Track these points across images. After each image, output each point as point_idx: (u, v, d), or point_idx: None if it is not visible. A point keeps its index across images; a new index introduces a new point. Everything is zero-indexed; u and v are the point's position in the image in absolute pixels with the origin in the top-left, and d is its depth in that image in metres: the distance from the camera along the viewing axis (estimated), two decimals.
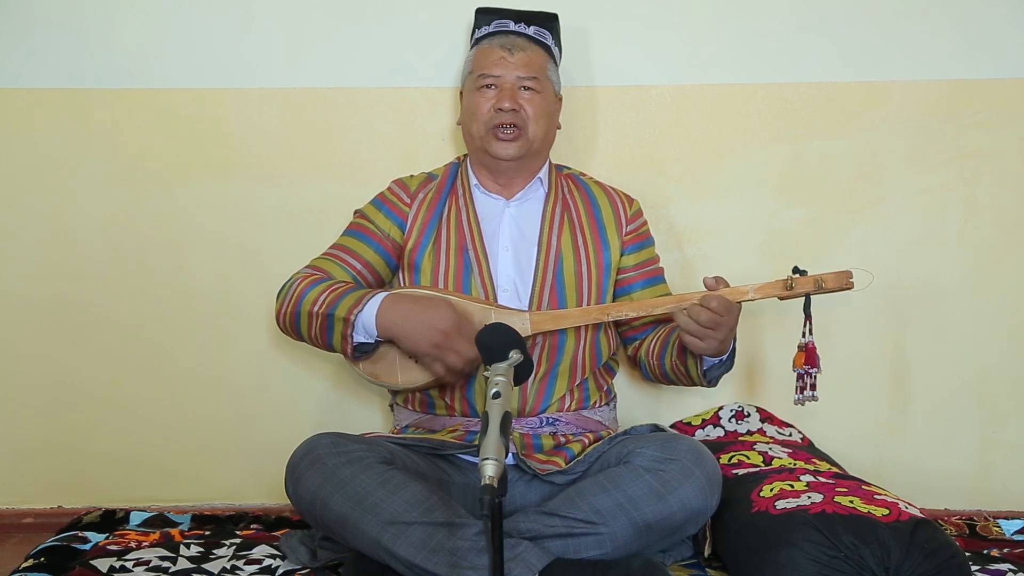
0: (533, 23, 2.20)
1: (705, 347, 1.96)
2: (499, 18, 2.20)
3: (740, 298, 1.98)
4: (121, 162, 2.44)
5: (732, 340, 2.03)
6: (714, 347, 1.96)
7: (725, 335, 1.95)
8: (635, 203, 2.26)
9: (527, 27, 2.19)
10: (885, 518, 1.78)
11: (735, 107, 2.45)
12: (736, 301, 1.97)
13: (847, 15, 2.43)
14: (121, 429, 2.47)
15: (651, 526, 1.84)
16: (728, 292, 1.97)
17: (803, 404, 2.03)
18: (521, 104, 2.12)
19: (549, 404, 2.10)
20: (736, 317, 1.97)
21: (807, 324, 2.01)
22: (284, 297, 2.08)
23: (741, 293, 1.99)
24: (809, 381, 2.02)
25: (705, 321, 1.93)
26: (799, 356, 2.02)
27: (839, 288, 1.99)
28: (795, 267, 2.01)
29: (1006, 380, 2.47)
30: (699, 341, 1.95)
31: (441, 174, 2.24)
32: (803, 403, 2.03)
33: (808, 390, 2.02)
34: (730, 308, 1.95)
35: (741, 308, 1.99)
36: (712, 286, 1.97)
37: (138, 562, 2.00)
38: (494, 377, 1.59)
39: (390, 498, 1.81)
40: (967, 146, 2.44)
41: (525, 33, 2.18)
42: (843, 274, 1.99)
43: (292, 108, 2.44)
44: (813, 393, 2.02)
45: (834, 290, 1.99)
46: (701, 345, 1.96)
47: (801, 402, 2.03)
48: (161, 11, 2.42)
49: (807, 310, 2.01)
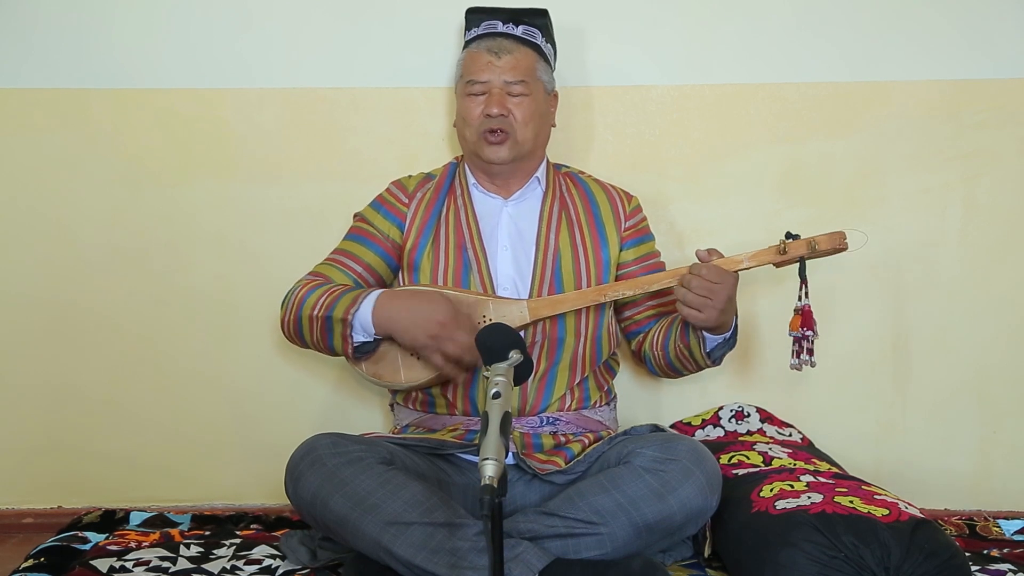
0: (522, 22, 2.19)
1: (705, 318, 1.95)
2: (488, 19, 2.20)
3: (735, 267, 1.98)
4: (121, 162, 2.44)
5: (734, 316, 2.03)
6: (714, 317, 1.95)
7: (723, 303, 1.95)
8: (634, 199, 2.26)
9: (515, 27, 2.18)
10: (885, 518, 1.78)
11: (735, 107, 2.45)
12: (732, 270, 1.97)
13: (847, 15, 2.43)
14: (121, 429, 2.47)
15: (651, 526, 1.84)
16: (722, 262, 1.97)
17: (799, 369, 2.02)
18: (509, 109, 2.12)
19: (549, 403, 2.10)
20: (733, 286, 1.97)
21: (803, 288, 2.01)
22: (287, 305, 2.09)
23: (735, 262, 1.99)
24: (806, 345, 2.01)
25: (698, 288, 1.93)
26: (795, 319, 2.02)
27: (833, 250, 1.99)
28: (788, 232, 2.01)
29: (1006, 380, 2.47)
30: (698, 313, 1.94)
31: (439, 174, 2.24)
32: (799, 368, 2.02)
33: (805, 354, 2.01)
34: (723, 275, 1.95)
35: (738, 278, 1.98)
36: (704, 258, 1.98)
37: (138, 562, 2.00)
38: (494, 377, 1.59)
39: (390, 498, 1.81)
40: (967, 146, 2.44)
41: (513, 34, 2.17)
42: (836, 235, 1.99)
43: (292, 108, 2.44)
44: (811, 358, 2.01)
45: (828, 252, 1.99)
46: (701, 317, 1.95)
47: (798, 366, 2.02)
48: (160, 11, 2.42)
49: (802, 274, 2.01)
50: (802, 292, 2.01)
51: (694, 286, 1.94)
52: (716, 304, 1.94)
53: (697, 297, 1.94)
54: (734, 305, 2.01)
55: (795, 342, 2.02)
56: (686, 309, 1.96)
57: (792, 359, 2.02)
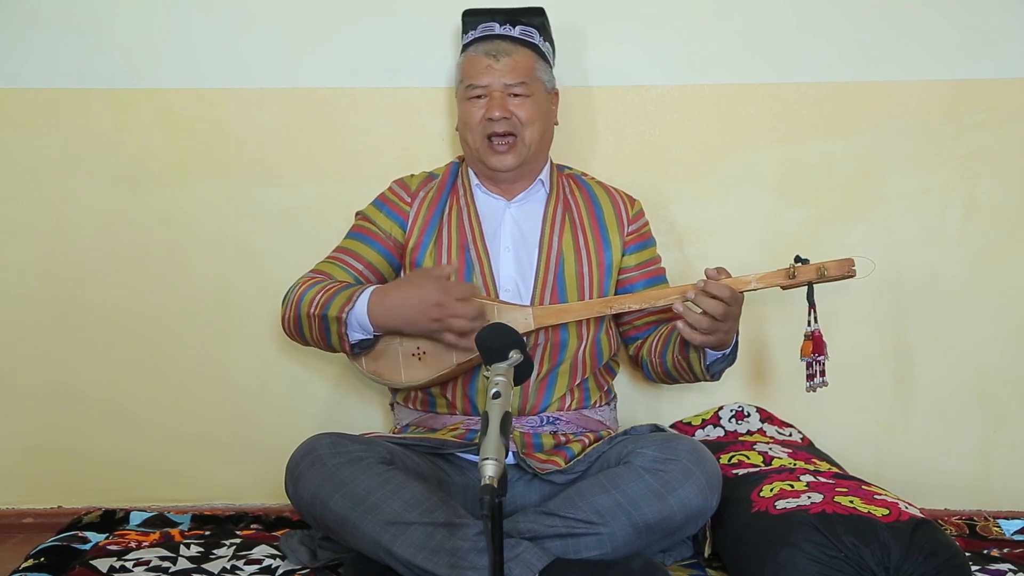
0: (519, 23, 2.18)
1: (714, 341, 1.95)
2: (485, 21, 2.19)
3: (743, 288, 1.98)
4: (121, 162, 2.44)
5: (735, 332, 2.03)
6: (722, 339, 1.95)
7: (730, 326, 1.95)
8: (637, 203, 2.26)
9: (512, 28, 2.18)
10: (885, 518, 1.78)
11: (735, 107, 2.45)
12: (739, 291, 1.97)
13: (847, 15, 2.43)
14: (121, 429, 2.47)
15: (651, 526, 1.84)
16: (730, 282, 1.97)
17: (815, 391, 2.03)
18: (512, 111, 2.11)
19: (550, 403, 2.10)
20: (740, 307, 1.97)
21: (812, 313, 2.01)
22: (287, 303, 2.09)
23: (744, 283, 1.98)
24: (818, 368, 2.02)
25: (714, 310, 1.92)
26: (806, 345, 2.02)
27: (841, 276, 1.99)
28: (797, 256, 2.01)
29: (1006, 380, 2.47)
30: (708, 337, 1.94)
31: (442, 173, 2.24)
32: (815, 390, 2.03)
33: (818, 377, 2.02)
34: (738, 297, 1.95)
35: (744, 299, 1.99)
36: (714, 276, 1.97)
37: (138, 562, 2.00)
38: (494, 377, 1.59)
39: (390, 498, 1.81)
40: (967, 146, 2.44)
41: (510, 36, 2.17)
42: (845, 262, 1.99)
43: (292, 108, 2.44)
44: (823, 379, 2.02)
45: (837, 278, 1.99)
46: (711, 340, 1.95)
47: (813, 389, 2.03)
48: (161, 11, 2.42)
49: (811, 299, 2.01)
50: (811, 317, 2.01)
51: (710, 307, 1.92)
52: (723, 327, 1.94)
53: (711, 322, 1.93)
54: (737, 323, 2.01)
55: (808, 367, 2.02)
56: (690, 331, 1.94)
57: (807, 383, 2.03)
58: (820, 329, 2.01)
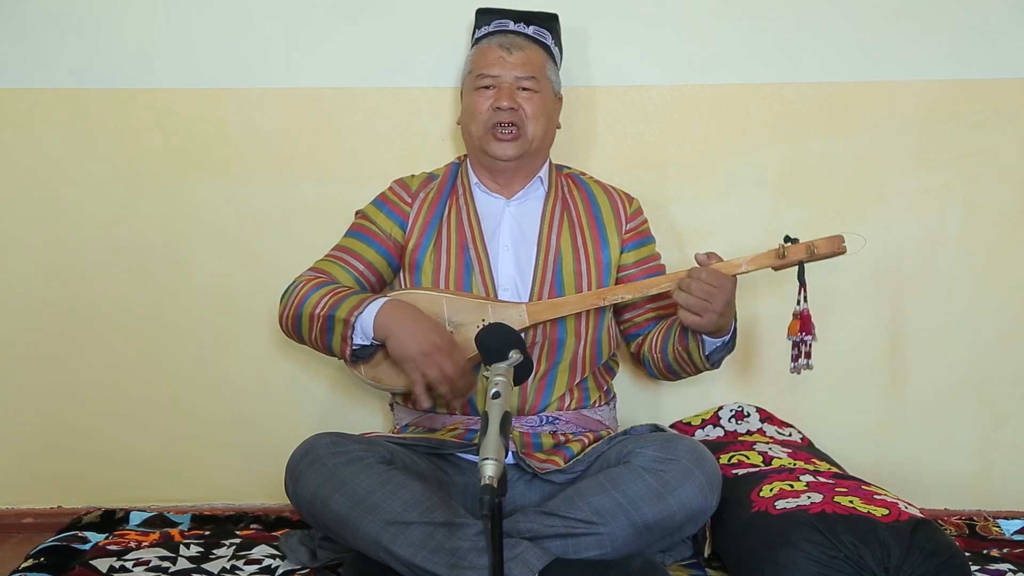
0: (533, 23, 2.21)
1: (704, 322, 1.95)
2: (499, 18, 2.21)
3: (734, 271, 1.98)
4: (121, 162, 2.44)
5: (733, 320, 2.03)
6: (713, 321, 1.95)
7: (722, 307, 1.95)
8: (635, 201, 2.26)
9: (526, 27, 2.19)
10: (885, 518, 1.78)
11: (735, 107, 2.45)
12: (730, 274, 1.97)
13: (847, 15, 2.43)
14: (121, 429, 2.47)
15: (651, 526, 1.84)
16: (721, 266, 1.98)
17: (799, 372, 2.04)
18: (519, 103, 2.12)
19: (549, 403, 2.10)
20: (732, 290, 1.97)
21: (801, 292, 2.01)
22: (287, 300, 2.08)
23: (734, 266, 1.99)
24: (804, 349, 2.02)
25: (697, 291, 1.93)
26: (794, 323, 2.02)
27: (832, 254, 1.99)
28: (786, 236, 2.01)
29: (1006, 380, 2.47)
30: (697, 317, 1.94)
31: (442, 174, 2.24)
32: (799, 371, 2.03)
33: (803, 358, 2.02)
34: (722, 279, 1.95)
35: (737, 282, 1.99)
36: (704, 261, 1.98)
37: (138, 562, 2.00)
38: (494, 377, 1.59)
39: (390, 498, 1.81)
40: (967, 146, 2.44)
41: (524, 33, 2.18)
42: (835, 239, 1.99)
43: (292, 108, 2.44)
44: (807, 362, 2.02)
45: (827, 256, 2.00)
46: (700, 321, 1.94)
47: (797, 370, 2.03)
48: (161, 11, 2.42)
49: (801, 277, 2.01)
50: (800, 296, 2.02)
51: (693, 289, 1.93)
52: (715, 308, 1.94)
53: (696, 301, 1.93)
54: (733, 309, 2.01)
55: (793, 346, 2.03)
56: (685, 313, 1.95)
57: (791, 363, 2.03)
58: (809, 308, 2.01)
